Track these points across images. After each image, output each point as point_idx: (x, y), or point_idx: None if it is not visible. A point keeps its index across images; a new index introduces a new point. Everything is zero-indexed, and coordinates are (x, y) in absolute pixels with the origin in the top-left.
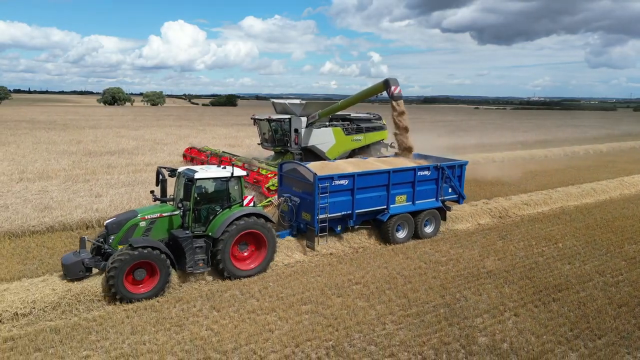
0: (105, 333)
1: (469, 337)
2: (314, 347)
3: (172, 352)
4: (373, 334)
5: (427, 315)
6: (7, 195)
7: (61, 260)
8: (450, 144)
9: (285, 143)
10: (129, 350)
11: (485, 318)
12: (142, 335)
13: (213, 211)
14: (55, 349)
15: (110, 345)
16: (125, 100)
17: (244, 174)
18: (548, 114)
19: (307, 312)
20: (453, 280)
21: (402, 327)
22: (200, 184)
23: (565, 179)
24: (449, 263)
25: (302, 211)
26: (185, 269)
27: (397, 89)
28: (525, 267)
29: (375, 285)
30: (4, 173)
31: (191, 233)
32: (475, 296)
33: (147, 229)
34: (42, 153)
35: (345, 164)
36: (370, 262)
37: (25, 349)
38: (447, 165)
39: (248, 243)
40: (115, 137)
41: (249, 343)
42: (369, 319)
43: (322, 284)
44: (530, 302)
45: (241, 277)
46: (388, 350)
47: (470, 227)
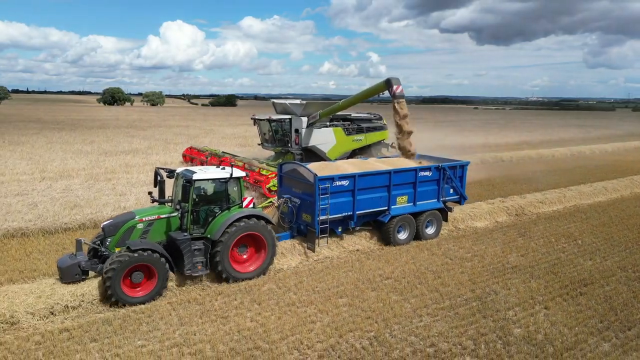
0: (155, 324)
1: (504, 328)
2: (357, 337)
3: (223, 342)
4: (411, 325)
5: (460, 308)
6: (33, 193)
7: (57, 263)
8: (458, 143)
9: (286, 143)
10: (180, 340)
11: (517, 311)
12: (191, 326)
13: (212, 213)
14: (110, 339)
15: (162, 335)
16: (125, 100)
17: (243, 174)
18: (548, 114)
19: (344, 305)
20: (480, 275)
21: (438, 319)
22: (198, 185)
23: (575, 178)
24: (473, 259)
25: (302, 212)
26: (183, 271)
27: (399, 88)
28: (549, 262)
29: (406, 280)
30: (25, 172)
31: (189, 235)
32: (504, 290)
33: (145, 231)
34: (58, 152)
35: (345, 164)
36: (398, 258)
37: (81, 339)
38: (448, 166)
39: (247, 245)
40: (126, 137)
41: (294, 334)
42: (405, 312)
43: (355, 279)
44: (559, 296)
45: (240, 280)
46: (428, 340)
47: (489, 225)
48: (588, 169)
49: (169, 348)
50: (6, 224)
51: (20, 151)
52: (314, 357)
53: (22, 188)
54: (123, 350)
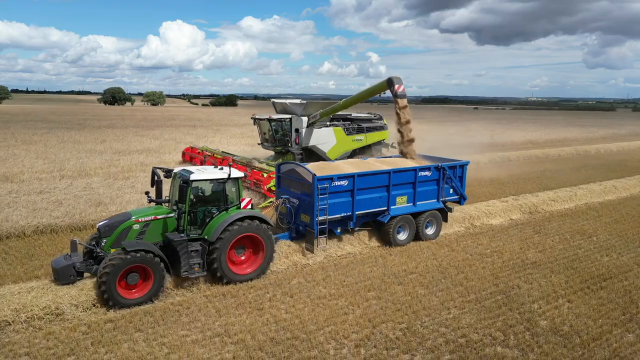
0: (195, 315)
1: (530, 320)
2: (390, 328)
3: (262, 332)
4: (440, 317)
5: (486, 301)
6: (55, 191)
7: (51, 264)
8: (464, 142)
9: (286, 143)
10: (221, 330)
11: (541, 304)
12: (229, 317)
13: (209, 213)
14: (154, 329)
15: (203, 326)
16: (125, 100)
17: (241, 175)
18: (549, 114)
19: (373, 298)
20: (501, 270)
21: (465, 311)
22: (196, 186)
23: (583, 177)
24: (493, 255)
25: (301, 213)
26: (180, 273)
27: (400, 88)
28: (567, 258)
29: (430, 274)
30: (44, 171)
31: (186, 236)
32: (526, 284)
33: (141, 231)
34: (72, 152)
35: (344, 164)
36: (420, 254)
37: (126, 329)
38: (448, 166)
39: (245, 247)
40: (135, 137)
41: (329, 325)
42: (433, 305)
43: (380, 273)
44: (580, 290)
45: (238, 281)
46: (459, 331)
47: (504, 222)
48: (595, 168)
49: (211, 337)
50: (35, 220)
51: (34, 150)
52: (351, 347)
53: (43, 186)
54: (168, 340)
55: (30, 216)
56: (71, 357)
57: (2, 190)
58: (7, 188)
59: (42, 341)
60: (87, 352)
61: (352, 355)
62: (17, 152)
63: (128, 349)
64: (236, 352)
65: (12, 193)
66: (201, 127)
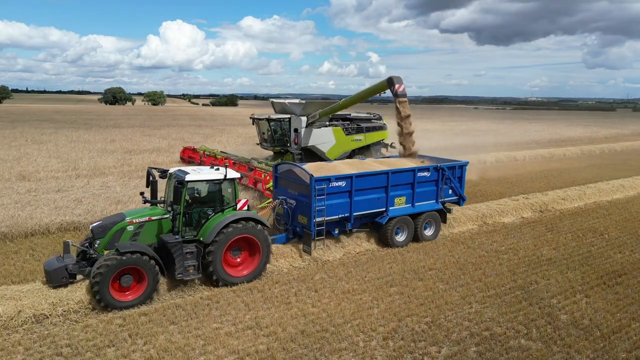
0: (225, 309)
1: (551, 315)
2: (415, 322)
3: (292, 325)
4: (463, 311)
5: (505, 296)
6: (73, 190)
7: (44, 265)
8: (469, 142)
9: (285, 143)
10: (252, 323)
11: (560, 299)
12: (257, 311)
13: (205, 215)
14: (187, 322)
15: (234, 319)
16: (126, 100)
17: (237, 176)
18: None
19: (396, 294)
20: (518, 267)
21: (487, 306)
22: (191, 187)
23: (589, 176)
24: (508, 252)
25: (298, 214)
26: (174, 275)
27: (401, 87)
28: (581, 255)
29: (449, 271)
30: (59, 170)
31: (181, 238)
32: (544, 280)
33: (135, 233)
34: (83, 151)
35: (342, 165)
36: (436, 251)
37: (161, 322)
38: (447, 166)
39: (241, 248)
40: (143, 136)
41: (355, 318)
42: (455, 300)
43: (400, 270)
44: (596, 286)
45: (233, 284)
46: (482, 325)
47: (515, 221)
48: (601, 167)
49: (243, 330)
50: (59, 217)
51: (46, 149)
52: (379, 339)
53: (60, 185)
54: (202, 332)
55: (52, 214)
56: (111, 348)
57: (21, 189)
58: (25, 187)
59: (81, 333)
60: (125, 343)
61: (382, 347)
62: (29, 152)
63: (165, 341)
64: (269, 344)
65: (31, 192)
66: (206, 127)
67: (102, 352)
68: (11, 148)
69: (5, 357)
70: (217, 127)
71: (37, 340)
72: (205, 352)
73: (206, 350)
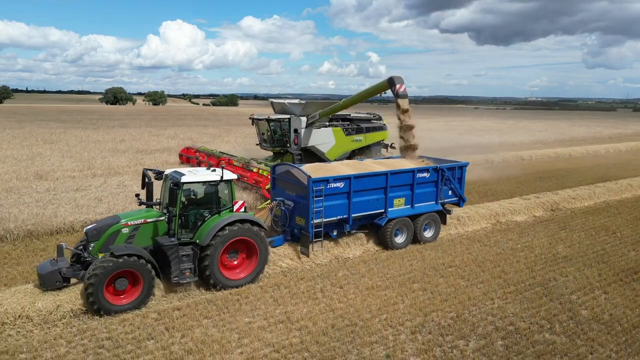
0: (254, 304)
1: (572, 310)
2: (440, 316)
3: (321, 320)
4: (485, 307)
5: (526, 292)
6: (91, 189)
7: (37, 269)
8: (474, 142)
9: (285, 143)
10: (283, 317)
11: (579, 295)
12: (286, 306)
13: (201, 217)
14: (220, 316)
15: (265, 314)
16: (127, 100)
17: (234, 177)
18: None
19: (419, 290)
20: (535, 264)
21: (508, 302)
22: (187, 188)
23: (597, 175)
24: (524, 250)
25: (295, 215)
26: (170, 278)
27: (402, 87)
28: (596, 253)
29: (468, 268)
30: (75, 169)
31: (177, 240)
32: (561, 277)
33: (130, 235)
34: (94, 151)
35: (341, 165)
36: (454, 249)
37: (195, 316)
38: (447, 167)
39: (238, 251)
40: (151, 136)
41: (382, 313)
42: (477, 295)
43: (420, 267)
44: (614, 282)
45: (230, 287)
46: (506, 320)
47: (528, 219)
48: (607, 167)
49: (275, 324)
50: (82, 216)
51: (58, 149)
52: (407, 333)
53: (78, 184)
54: (236, 326)
55: (75, 212)
56: (150, 341)
57: (40, 188)
58: (44, 186)
59: (119, 327)
60: (164, 336)
61: (411, 341)
62: (41, 151)
63: (201, 334)
64: (302, 337)
65: (50, 191)
66: (212, 126)
67: (142, 344)
68: (23, 147)
69: (50, 350)
70: (222, 126)
71: (78, 334)
72: (241, 345)
73: (242, 343)
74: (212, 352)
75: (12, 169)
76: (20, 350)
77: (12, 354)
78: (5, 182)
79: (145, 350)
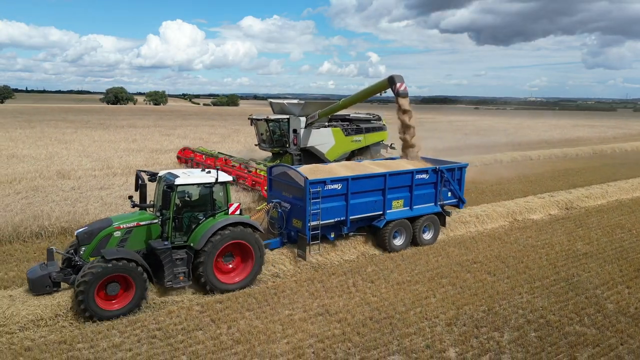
0: (292, 297)
1: (598, 304)
2: (472, 309)
3: (358, 312)
4: (515, 301)
5: (552, 287)
6: (115, 187)
7: (27, 273)
8: (481, 142)
9: (284, 144)
10: (321, 310)
11: (603, 290)
12: (323, 299)
13: (195, 220)
14: (261, 309)
15: (303, 306)
16: (128, 99)
17: (229, 179)
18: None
19: (448, 285)
20: (557, 260)
21: (536, 296)
22: (181, 190)
23: (606, 175)
24: (544, 247)
25: (292, 218)
26: (164, 282)
27: (402, 86)
28: (615, 249)
29: (493, 264)
30: (94, 168)
31: (170, 244)
32: (584, 273)
33: (123, 239)
34: (109, 150)
35: (338, 167)
36: (476, 246)
37: (237, 309)
38: (446, 168)
39: (233, 254)
40: (162, 136)
41: (416, 306)
42: (504, 290)
43: (446, 263)
44: (635, 277)
45: (225, 291)
46: (536, 313)
47: (544, 218)
48: (615, 167)
49: (315, 316)
50: (112, 213)
51: (74, 149)
52: (443, 325)
53: (101, 183)
54: (277, 318)
55: (105, 210)
56: (199, 331)
57: (65, 186)
58: (68, 184)
59: (166, 319)
60: (211, 327)
61: (447, 332)
62: (57, 151)
63: (246, 325)
64: (343, 329)
65: (75, 189)
66: (219, 126)
67: (192, 334)
68: (39, 147)
69: (105, 340)
70: (229, 126)
71: (129, 325)
72: (286, 335)
73: (287, 334)
74: (260, 341)
75: (33, 168)
76: (77, 340)
77: (69, 344)
78: (30, 181)
79: (196, 340)
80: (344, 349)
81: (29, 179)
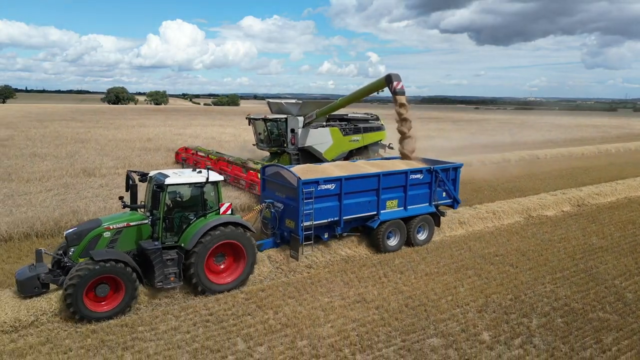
0: (328, 287)
1: (617, 293)
2: (500, 298)
3: (394, 300)
4: (538, 290)
5: (572, 278)
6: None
7: (15, 275)
8: (489, 142)
9: (282, 143)
10: (358, 298)
11: (621, 280)
12: (357, 288)
13: (186, 220)
14: (301, 297)
15: (340, 295)
16: (129, 99)
17: (220, 178)
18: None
19: (473, 276)
20: (574, 254)
21: (558, 286)
22: (171, 190)
23: (612, 173)
24: (561, 241)
25: (285, 218)
26: (154, 283)
27: (399, 85)
28: (629, 244)
29: (514, 256)
30: (117, 167)
31: (161, 244)
32: (602, 265)
33: (113, 239)
34: (126, 150)
35: (332, 167)
36: (496, 240)
37: (279, 296)
38: (441, 168)
39: (225, 254)
40: (174, 135)
41: (446, 295)
42: (528, 281)
43: (470, 256)
44: None
45: (217, 292)
46: (560, 301)
47: (557, 214)
48: (621, 166)
49: (354, 303)
50: None
51: (93, 148)
52: (474, 312)
53: None
54: (318, 304)
55: None
56: (248, 316)
57: (93, 184)
58: (96, 182)
59: (216, 305)
60: (258, 313)
61: (479, 319)
62: (77, 150)
63: (291, 312)
64: (381, 315)
65: (103, 186)
66: (230, 126)
67: (242, 319)
68: (57, 147)
69: (163, 323)
70: (239, 126)
71: (182, 310)
72: (329, 320)
73: (329, 319)
74: (306, 325)
75: (57, 166)
76: (137, 324)
77: (131, 327)
78: (59, 179)
79: (247, 324)
80: (385, 332)
81: (57, 177)
